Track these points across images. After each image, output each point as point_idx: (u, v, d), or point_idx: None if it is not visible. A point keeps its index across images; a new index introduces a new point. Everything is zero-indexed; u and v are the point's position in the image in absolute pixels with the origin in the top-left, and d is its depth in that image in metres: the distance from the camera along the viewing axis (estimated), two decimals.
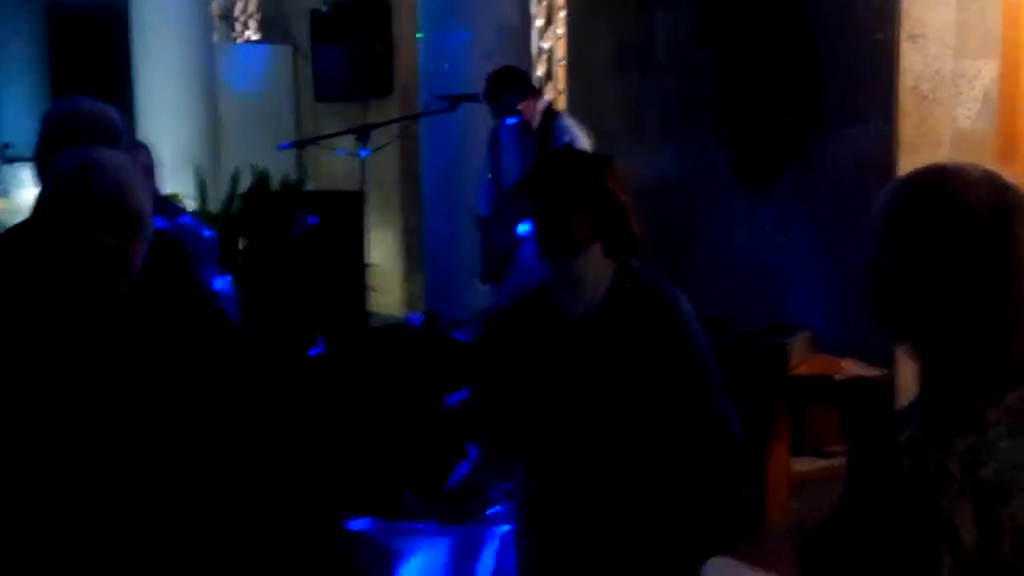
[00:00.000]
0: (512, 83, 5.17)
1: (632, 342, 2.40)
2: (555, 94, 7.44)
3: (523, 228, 5.20)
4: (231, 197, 7.38)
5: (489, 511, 4.36)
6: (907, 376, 5.43)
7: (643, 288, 2.46)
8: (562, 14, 7.35)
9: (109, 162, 2.03)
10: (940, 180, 1.48)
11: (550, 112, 5.23)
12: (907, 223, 1.46)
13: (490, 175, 5.37)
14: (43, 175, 2.67)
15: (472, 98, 5.23)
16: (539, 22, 7.68)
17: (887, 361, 5.36)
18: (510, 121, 5.23)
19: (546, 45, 7.74)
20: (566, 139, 5.07)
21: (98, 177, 1.97)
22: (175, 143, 7.88)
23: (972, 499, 1.36)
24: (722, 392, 2.47)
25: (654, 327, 2.41)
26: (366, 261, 5.14)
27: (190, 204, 7.29)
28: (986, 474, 1.37)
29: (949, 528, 1.36)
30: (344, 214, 4.93)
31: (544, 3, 7.72)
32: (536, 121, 5.16)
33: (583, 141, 5.12)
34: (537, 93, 5.26)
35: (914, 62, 5.23)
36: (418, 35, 6.15)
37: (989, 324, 1.41)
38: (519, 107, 5.11)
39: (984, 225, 1.41)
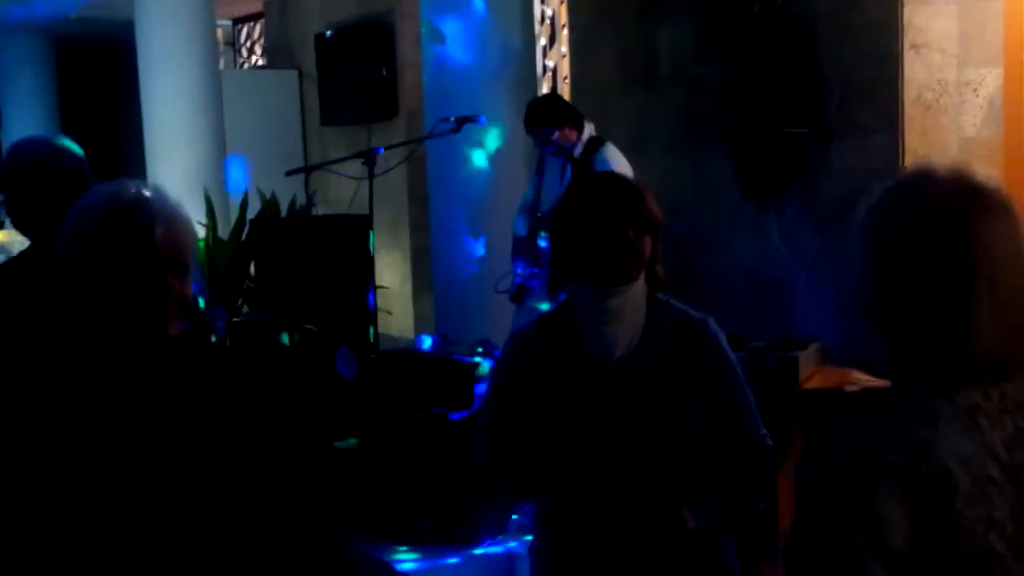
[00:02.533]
0: (546, 113, 5.19)
1: (672, 380, 2.33)
2: None
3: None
4: (240, 222, 7.40)
5: (499, 533, 4.37)
6: None
7: (678, 323, 2.38)
8: (565, 32, 7.38)
9: (160, 202, 1.90)
10: (912, 184, 1.53)
11: (594, 141, 5.23)
12: (879, 227, 1.51)
13: (532, 196, 5.35)
14: (16, 219, 2.70)
15: (477, 120, 5.25)
16: (543, 41, 7.72)
17: None
18: (549, 150, 5.24)
19: (550, 63, 7.77)
20: (605, 169, 5.07)
21: (156, 218, 1.85)
22: (184, 169, 7.92)
23: (916, 493, 1.37)
24: (756, 413, 2.43)
25: (693, 362, 2.35)
26: (375, 284, 5.15)
27: (200, 230, 7.32)
28: (930, 469, 1.38)
29: (877, 525, 1.36)
30: (352, 238, 4.95)
31: (547, 22, 7.75)
32: (579, 150, 5.15)
33: (624, 171, 5.12)
34: (575, 122, 5.23)
35: (917, 72, 5.24)
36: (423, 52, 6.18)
37: (950, 319, 1.44)
38: (554, 137, 5.12)
39: (944, 225, 1.45)
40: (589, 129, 5.27)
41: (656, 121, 6.52)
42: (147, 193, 1.89)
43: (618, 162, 5.14)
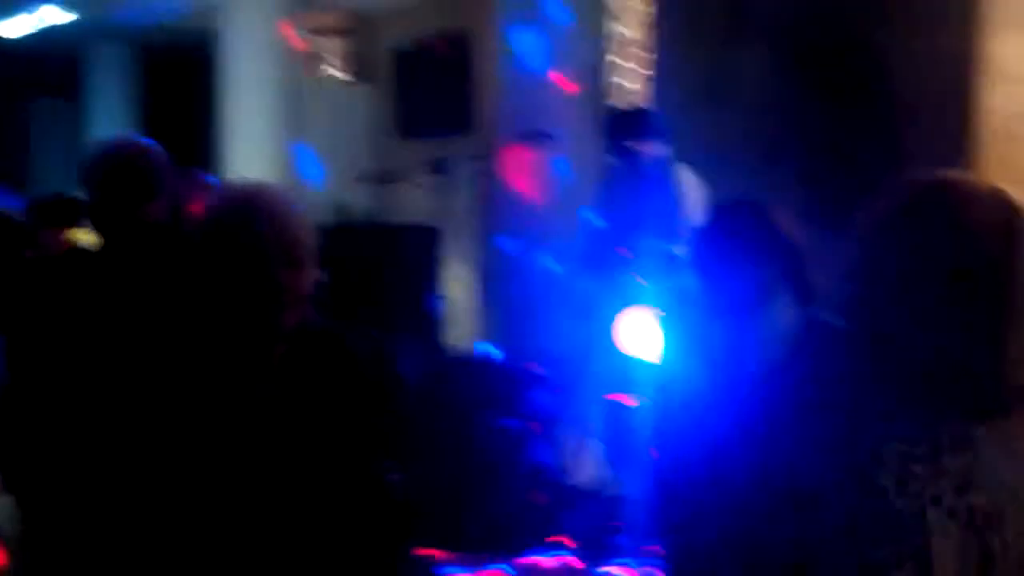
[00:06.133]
0: (631, 124, 5.14)
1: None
2: None
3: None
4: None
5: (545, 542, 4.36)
6: None
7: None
8: (642, 53, 7.37)
9: (269, 200, 1.96)
10: (944, 190, 1.43)
11: (667, 161, 5.17)
12: (907, 231, 1.41)
13: (599, 216, 5.27)
14: (94, 218, 2.75)
15: (549, 135, 5.26)
16: (619, 60, 7.72)
17: None
18: (625, 162, 5.17)
19: (625, 83, 7.77)
20: (676, 191, 5.01)
21: (260, 212, 1.90)
22: (261, 177, 8.05)
23: (962, 522, 1.31)
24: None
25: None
26: (441, 294, 5.19)
27: None
28: (978, 499, 1.32)
29: (923, 555, 1.31)
30: (419, 248, 5.00)
31: (624, 42, 7.76)
32: (652, 169, 5.09)
33: (694, 195, 5.05)
34: (658, 139, 5.17)
35: (996, 101, 5.17)
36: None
37: (986, 344, 1.34)
38: (638, 149, 5.05)
39: (987, 242, 1.36)
40: (663, 149, 5.22)
41: (733, 143, 6.49)
42: (257, 193, 1.96)
43: (689, 182, 5.10)
